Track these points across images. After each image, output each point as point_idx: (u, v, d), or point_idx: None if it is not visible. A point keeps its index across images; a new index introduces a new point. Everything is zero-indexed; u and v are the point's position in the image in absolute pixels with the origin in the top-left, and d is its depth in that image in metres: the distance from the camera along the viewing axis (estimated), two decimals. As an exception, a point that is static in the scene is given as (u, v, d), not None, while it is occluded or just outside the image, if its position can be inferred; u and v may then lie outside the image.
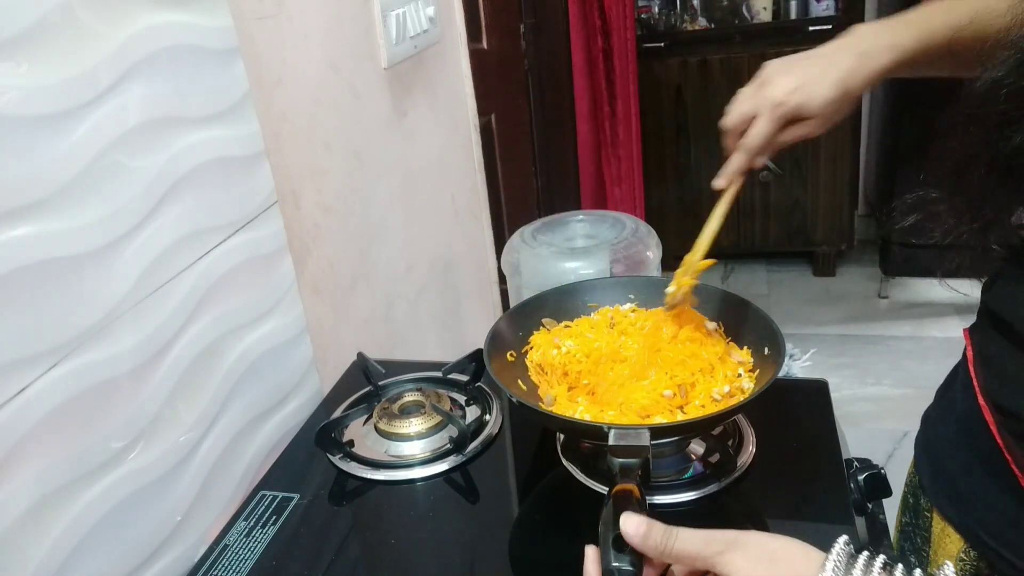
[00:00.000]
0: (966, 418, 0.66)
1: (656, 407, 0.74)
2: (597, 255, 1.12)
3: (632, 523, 0.52)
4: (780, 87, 0.75)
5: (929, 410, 0.76)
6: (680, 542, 0.51)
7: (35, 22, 0.60)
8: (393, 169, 1.28)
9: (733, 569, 0.48)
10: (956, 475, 0.67)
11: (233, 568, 0.72)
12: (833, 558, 0.47)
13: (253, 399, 0.89)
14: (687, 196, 3.11)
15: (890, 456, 2.16)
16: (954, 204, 0.58)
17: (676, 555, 0.51)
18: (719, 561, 0.49)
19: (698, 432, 0.78)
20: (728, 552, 0.49)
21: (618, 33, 2.41)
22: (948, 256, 0.60)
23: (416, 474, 0.82)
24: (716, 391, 0.75)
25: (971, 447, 0.65)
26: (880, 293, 2.98)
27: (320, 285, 1.06)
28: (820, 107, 0.73)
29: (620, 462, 0.61)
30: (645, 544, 0.51)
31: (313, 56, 1.05)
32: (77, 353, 0.64)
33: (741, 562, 0.48)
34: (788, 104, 0.74)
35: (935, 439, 0.72)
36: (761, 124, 0.76)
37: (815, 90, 0.73)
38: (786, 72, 0.75)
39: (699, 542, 0.50)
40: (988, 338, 0.64)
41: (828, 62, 0.74)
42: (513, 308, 0.89)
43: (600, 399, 0.77)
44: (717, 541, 0.50)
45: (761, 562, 0.48)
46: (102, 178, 0.67)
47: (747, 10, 3.00)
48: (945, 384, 0.75)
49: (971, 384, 0.65)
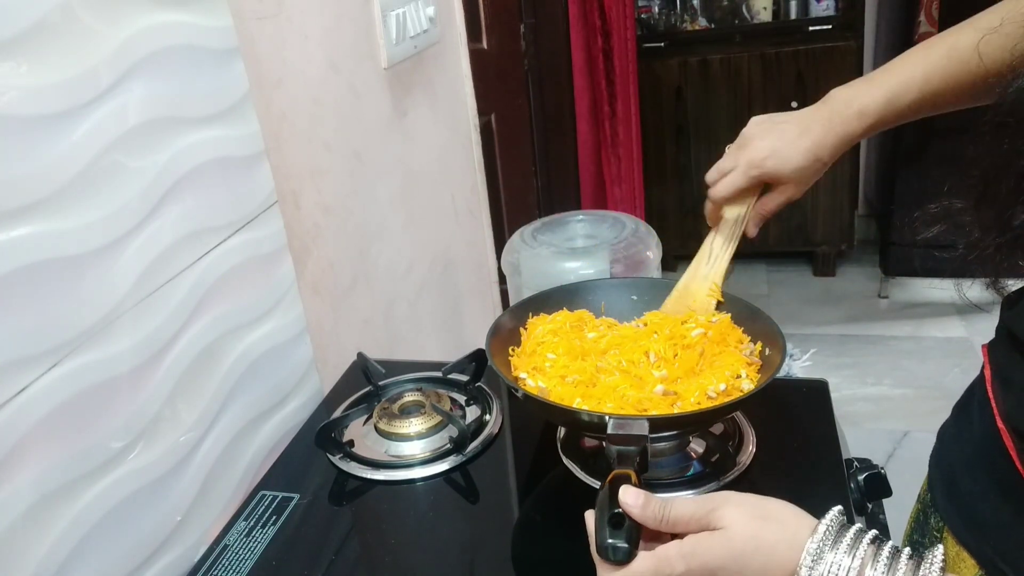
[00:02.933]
0: (983, 440, 0.64)
1: (651, 403, 0.74)
2: (597, 255, 1.12)
3: (631, 494, 0.54)
4: (757, 151, 0.80)
5: (946, 426, 0.74)
6: (676, 507, 0.53)
7: (35, 22, 0.60)
8: (393, 169, 1.28)
9: (728, 522, 0.50)
10: (973, 500, 0.65)
11: (233, 568, 0.72)
12: (826, 523, 0.49)
13: (253, 399, 0.89)
14: (687, 196, 3.11)
15: (890, 456, 2.16)
16: (980, 216, 0.56)
17: (673, 520, 0.52)
18: (713, 517, 0.51)
19: (697, 427, 0.78)
20: (722, 507, 0.51)
21: (618, 33, 2.41)
22: (970, 267, 0.58)
23: (416, 474, 0.82)
24: (712, 389, 0.75)
25: (989, 471, 0.63)
26: (880, 293, 2.98)
27: (320, 285, 1.06)
28: (792, 173, 0.79)
29: (618, 449, 0.61)
30: (644, 513, 0.53)
31: (313, 56, 1.05)
32: (77, 353, 0.64)
33: (736, 515, 0.50)
34: (762, 168, 0.80)
35: (952, 460, 0.70)
36: (733, 176, 0.82)
37: (787, 156, 0.79)
38: (764, 135, 0.81)
39: (693, 504, 0.52)
40: (1010, 360, 0.61)
41: (802, 129, 0.79)
42: (516, 304, 0.89)
43: (596, 394, 0.76)
44: (711, 499, 0.52)
45: (755, 518, 0.50)
46: (102, 178, 0.67)
47: (747, 10, 3.00)
48: (963, 401, 0.72)
49: (988, 404, 0.63)
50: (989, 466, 0.63)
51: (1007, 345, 0.62)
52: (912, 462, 0.81)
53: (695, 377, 0.77)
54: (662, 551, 0.52)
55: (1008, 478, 0.60)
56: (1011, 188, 0.52)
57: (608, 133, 2.52)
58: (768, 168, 0.80)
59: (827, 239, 3.11)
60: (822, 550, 0.48)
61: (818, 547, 0.48)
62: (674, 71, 2.96)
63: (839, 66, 2.80)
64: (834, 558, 0.47)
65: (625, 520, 0.53)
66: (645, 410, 0.73)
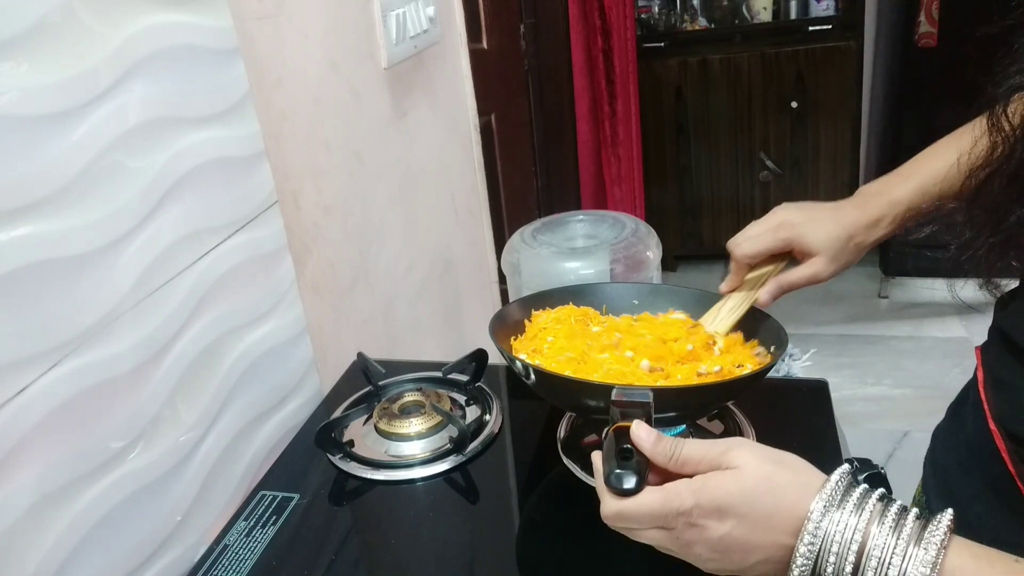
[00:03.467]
0: (976, 441, 0.64)
1: (635, 377, 0.72)
2: (597, 255, 1.12)
3: (644, 429, 0.53)
4: (787, 214, 0.80)
5: (940, 427, 0.74)
6: (688, 446, 0.52)
7: (35, 22, 0.60)
8: (393, 169, 1.28)
9: (741, 462, 0.50)
10: (965, 501, 0.65)
11: (233, 568, 0.72)
12: (835, 477, 0.49)
13: (253, 399, 0.89)
14: (687, 196, 3.11)
15: (890, 456, 2.16)
16: (972, 216, 0.56)
17: (684, 458, 0.52)
18: (726, 458, 0.50)
19: (697, 406, 0.74)
20: (735, 449, 0.51)
21: (618, 33, 2.41)
22: (963, 266, 0.57)
23: (416, 474, 0.82)
24: (704, 367, 0.74)
25: (981, 473, 0.63)
26: (880, 293, 2.98)
27: (320, 285, 1.06)
28: (823, 242, 0.77)
29: (621, 411, 0.58)
30: (655, 449, 0.52)
31: (313, 56, 1.05)
32: (77, 353, 0.64)
33: (749, 457, 0.50)
34: (792, 230, 0.78)
35: (945, 461, 0.71)
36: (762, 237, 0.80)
37: (820, 225, 0.77)
38: (796, 209, 0.80)
39: (705, 445, 0.52)
40: (1002, 362, 0.62)
41: (834, 209, 0.79)
42: (522, 298, 0.88)
43: (584, 369, 0.75)
44: (723, 442, 0.52)
45: (768, 461, 0.50)
46: (102, 178, 0.67)
47: (747, 10, 3.00)
48: (957, 402, 0.72)
49: (981, 406, 0.63)
50: (982, 467, 0.63)
51: (1000, 347, 0.62)
52: (912, 462, 0.81)
53: (686, 363, 0.76)
54: (671, 486, 0.51)
55: (1001, 479, 0.60)
56: (1002, 188, 0.53)
57: (608, 133, 2.52)
58: (798, 232, 0.77)
59: (827, 239, 3.10)
60: (831, 504, 0.47)
61: (827, 501, 0.48)
62: (674, 71, 2.96)
63: (839, 66, 2.80)
64: (840, 516, 0.47)
65: (634, 455, 0.52)
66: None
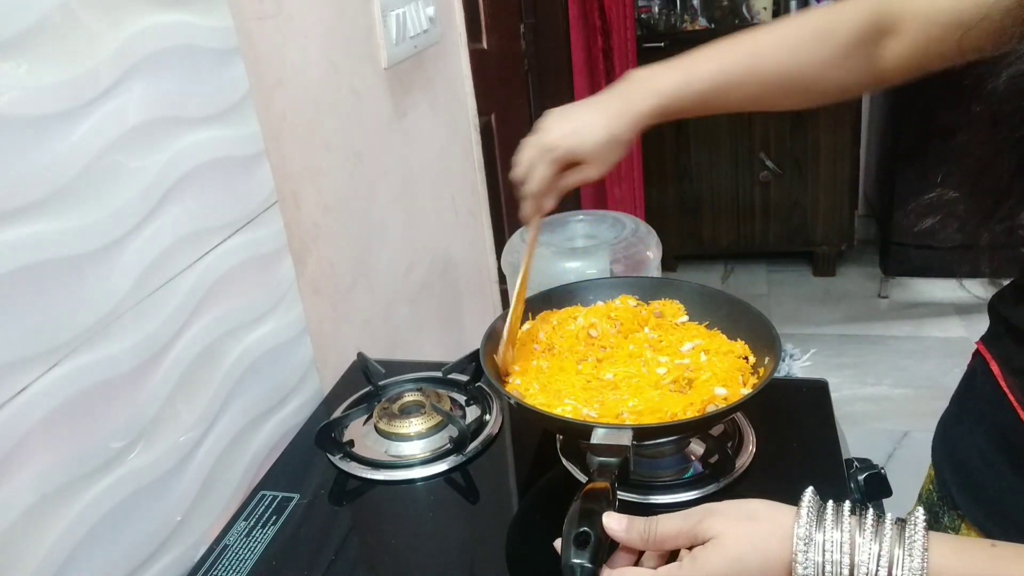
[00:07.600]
0: (1001, 434, 0.64)
1: (663, 399, 0.73)
2: (597, 255, 1.12)
3: (614, 519, 0.54)
4: (553, 133, 0.79)
5: (948, 424, 0.74)
6: (662, 524, 0.53)
7: (35, 22, 0.60)
8: (393, 169, 1.28)
9: (717, 532, 0.51)
10: (996, 493, 0.65)
11: (233, 568, 0.72)
12: (805, 506, 0.50)
13: (253, 399, 0.89)
14: (687, 196, 3.11)
15: (890, 456, 2.16)
16: (976, 205, 0.56)
17: (661, 537, 0.53)
18: (700, 529, 0.51)
19: (687, 433, 0.77)
20: (707, 519, 0.51)
21: (618, 33, 2.41)
22: (968, 258, 0.57)
23: (416, 474, 0.82)
24: (719, 388, 0.75)
25: (1013, 463, 0.63)
26: (880, 293, 2.98)
27: (320, 285, 1.06)
28: (591, 151, 0.78)
29: (600, 460, 0.61)
30: (629, 536, 0.54)
31: (313, 56, 1.05)
32: (77, 353, 0.64)
33: (723, 523, 0.51)
34: (560, 148, 0.78)
35: (963, 457, 0.70)
36: (539, 170, 0.79)
37: (585, 135, 0.77)
38: (560, 119, 0.79)
39: (678, 519, 0.53)
40: (1019, 353, 0.62)
41: (599, 109, 0.79)
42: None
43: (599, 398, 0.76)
44: (695, 513, 0.53)
45: (741, 522, 0.51)
46: (102, 178, 0.67)
47: (747, 10, 3.00)
48: (961, 394, 0.72)
49: (1004, 398, 0.63)
50: (1013, 459, 0.63)
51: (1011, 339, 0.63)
52: (912, 462, 0.81)
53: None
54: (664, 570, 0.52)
55: None
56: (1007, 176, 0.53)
57: (608, 133, 2.52)
58: (566, 147, 0.78)
59: (827, 239, 3.11)
60: (810, 532, 0.49)
61: (806, 530, 0.49)
62: (674, 71, 2.96)
63: (839, 66, 2.80)
64: (823, 536, 0.49)
65: (591, 538, 0.53)
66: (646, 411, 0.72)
